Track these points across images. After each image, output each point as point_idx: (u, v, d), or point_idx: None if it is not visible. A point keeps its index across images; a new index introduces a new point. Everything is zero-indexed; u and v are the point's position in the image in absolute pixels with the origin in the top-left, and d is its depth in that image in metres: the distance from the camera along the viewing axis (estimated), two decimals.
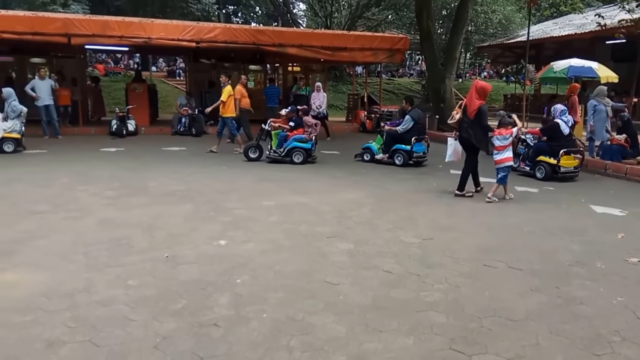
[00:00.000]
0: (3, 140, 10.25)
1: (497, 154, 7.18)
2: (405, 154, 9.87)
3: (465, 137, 7.34)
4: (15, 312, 3.40)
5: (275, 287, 3.93)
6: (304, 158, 9.87)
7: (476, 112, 7.06)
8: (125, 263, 4.35)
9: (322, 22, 29.61)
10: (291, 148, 9.85)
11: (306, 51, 14.93)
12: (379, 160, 10.19)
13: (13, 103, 10.53)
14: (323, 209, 6.40)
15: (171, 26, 13.84)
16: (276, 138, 10.13)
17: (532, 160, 9.10)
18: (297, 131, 10.06)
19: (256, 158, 10.06)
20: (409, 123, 9.90)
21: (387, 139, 10.13)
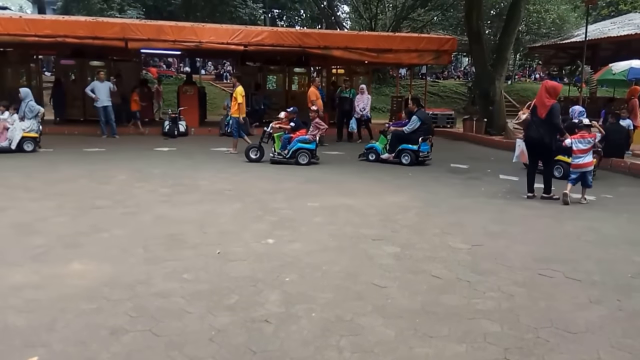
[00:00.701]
0: (23, 140, 10.53)
1: (578, 157, 7.12)
2: (412, 154, 10.16)
3: (535, 137, 7.29)
4: (82, 299, 3.64)
5: (323, 287, 4.02)
6: (309, 159, 10.00)
7: (548, 112, 7.06)
8: (181, 257, 4.56)
9: (367, 24, 29.61)
10: (296, 149, 9.95)
11: (351, 53, 14.99)
12: (384, 159, 10.43)
13: (30, 103, 10.73)
14: (368, 211, 6.45)
15: (221, 30, 14.23)
16: (279, 140, 10.21)
17: None
18: (299, 132, 10.16)
19: (257, 159, 10.13)
20: (416, 123, 10.17)
21: (393, 139, 10.40)
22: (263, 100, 17.09)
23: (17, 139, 10.43)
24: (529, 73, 42.99)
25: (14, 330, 3.19)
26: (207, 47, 14.16)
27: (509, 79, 32.85)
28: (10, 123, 10.54)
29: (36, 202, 6.39)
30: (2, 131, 10.45)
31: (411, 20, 30.29)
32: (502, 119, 15.96)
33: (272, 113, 17.92)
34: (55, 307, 3.52)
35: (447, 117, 18.94)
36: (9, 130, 10.48)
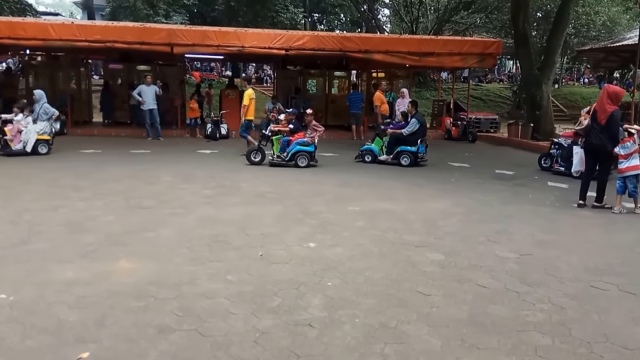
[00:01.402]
0: (37, 143, 10.36)
1: (622, 162, 6.94)
2: (411, 155, 10.41)
3: (595, 143, 7.08)
4: (130, 297, 3.73)
5: (366, 293, 3.98)
6: (308, 161, 9.96)
7: (608, 118, 6.87)
8: (224, 259, 4.61)
9: (408, 27, 29.37)
10: (295, 152, 9.92)
11: (392, 57, 14.87)
12: (382, 161, 10.62)
13: (45, 105, 10.62)
14: (410, 217, 6.37)
15: (263, 35, 14.41)
16: (277, 143, 10.18)
17: (566, 161, 9.65)
18: (297, 135, 10.13)
19: (259, 162, 10.05)
20: (415, 125, 10.42)
21: (391, 140, 10.60)
22: (303, 103, 17.14)
23: (32, 141, 10.30)
24: (577, 77, 41.63)
25: (66, 325, 3.30)
26: (249, 52, 14.36)
27: (556, 82, 31.89)
28: (24, 125, 10.38)
29: (86, 201, 6.61)
30: (16, 134, 10.28)
31: (453, 23, 29.86)
32: (549, 124, 15.51)
33: None
34: (105, 303, 3.62)
35: (491, 122, 18.52)
36: (23, 133, 10.30)
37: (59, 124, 13.85)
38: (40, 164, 9.33)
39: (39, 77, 17.31)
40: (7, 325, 3.26)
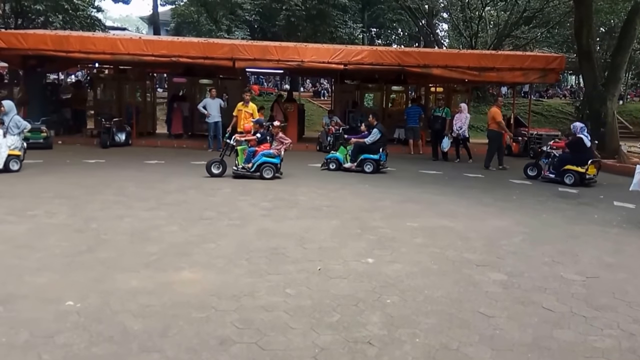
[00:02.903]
0: (9, 158, 9.43)
1: None
2: (374, 163, 11.00)
3: None
4: (193, 308, 3.80)
5: (426, 312, 3.88)
6: (274, 173, 9.79)
7: None
8: (283, 272, 4.64)
9: (467, 42, 28.92)
10: (261, 163, 9.73)
11: (451, 72, 14.67)
12: (347, 168, 11.12)
13: (15, 118, 9.79)
14: (470, 234, 6.19)
15: (322, 49, 14.60)
16: (242, 153, 9.97)
17: (557, 169, 10.41)
18: (263, 146, 9.95)
19: (219, 174, 9.75)
20: (376, 135, 11.06)
21: (355, 149, 11.18)
22: (360, 117, 17.17)
23: (4, 157, 9.35)
24: None
25: (131, 334, 3.39)
26: (308, 66, 14.58)
27: (622, 99, 30.38)
28: None
29: (150, 211, 6.85)
30: None
31: (514, 37, 29.18)
32: (614, 142, 14.83)
33: None
34: (168, 313, 3.71)
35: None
36: None
37: (124, 135, 14.58)
38: (106, 172, 9.76)
39: (107, 89, 18.29)
40: (74, 332, 3.38)
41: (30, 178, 8.95)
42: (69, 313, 3.65)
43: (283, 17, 23.93)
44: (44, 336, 3.30)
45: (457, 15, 31.47)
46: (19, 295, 3.91)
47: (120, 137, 14.38)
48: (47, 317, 3.56)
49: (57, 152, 12.63)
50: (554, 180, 10.41)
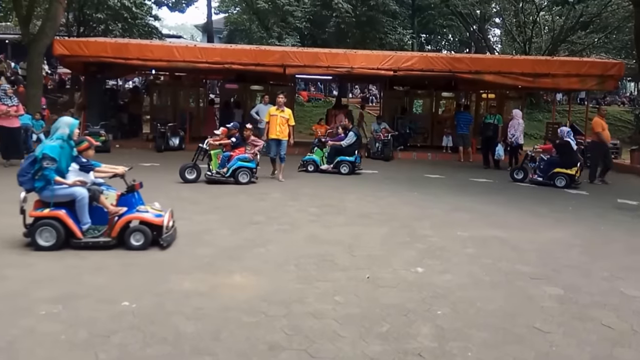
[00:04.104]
0: None
1: None
2: (350, 165, 11.39)
3: None
4: (243, 312, 3.87)
5: (478, 325, 3.79)
6: (249, 178, 9.55)
7: None
8: (331, 279, 4.65)
9: (520, 47, 28.09)
10: (236, 168, 9.50)
11: (504, 78, 14.30)
12: (324, 170, 11.42)
13: None
14: (524, 246, 5.99)
15: (372, 56, 14.57)
16: (216, 158, 9.69)
17: (545, 172, 10.70)
18: (238, 150, 9.71)
19: (194, 179, 9.49)
20: (352, 138, 11.51)
21: (331, 151, 11.58)
22: (409, 124, 17.03)
23: None
24: None
25: (184, 336, 3.48)
26: (357, 73, 14.58)
27: None
28: None
29: (202, 214, 7.03)
30: None
31: (570, 43, 28.16)
32: None
33: (417, 137, 17.80)
34: (219, 317, 3.79)
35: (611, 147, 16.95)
36: None
37: (178, 140, 15.02)
38: (160, 175, 10.05)
39: (162, 95, 18.94)
40: (129, 332, 3.50)
41: None
42: (124, 313, 3.79)
43: (333, 24, 24.06)
44: (101, 335, 3.44)
45: (510, 21, 30.67)
46: (79, 295, 4.10)
47: (175, 141, 14.81)
48: (104, 317, 3.71)
49: (115, 156, 13.12)
50: (543, 183, 10.68)
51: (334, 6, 22.80)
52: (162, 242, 5.28)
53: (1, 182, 8.87)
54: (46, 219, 5.14)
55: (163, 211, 5.52)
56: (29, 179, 5.21)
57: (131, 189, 5.49)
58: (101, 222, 5.38)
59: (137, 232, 5.27)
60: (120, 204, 5.45)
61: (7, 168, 10.41)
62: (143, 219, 5.33)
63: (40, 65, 17.55)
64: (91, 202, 5.29)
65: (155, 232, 5.32)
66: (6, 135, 10.51)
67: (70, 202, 5.22)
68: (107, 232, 5.30)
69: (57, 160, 5.17)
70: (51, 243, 5.12)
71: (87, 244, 5.18)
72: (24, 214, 5.21)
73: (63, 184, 5.21)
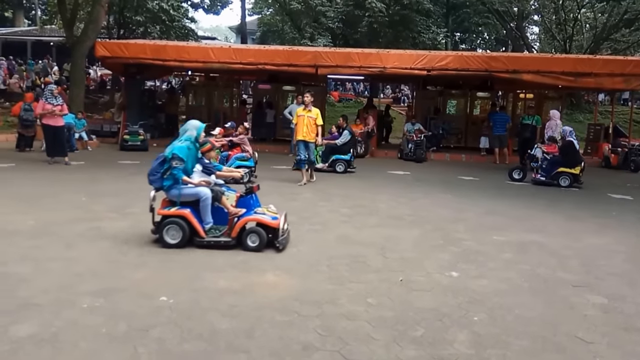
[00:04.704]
0: None
1: None
2: (345, 163, 11.45)
3: None
4: (276, 311, 3.86)
5: (517, 333, 3.67)
6: (249, 177, 9.24)
7: None
8: (364, 280, 4.59)
9: (560, 45, 27.30)
10: (235, 167, 9.18)
11: (543, 77, 13.87)
12: (319, 169, 11.20)
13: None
14: (564, 252, 5.79)
15: (405, 56, 14.40)
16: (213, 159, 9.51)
17: (548, 172, 10.62)
18: (236, 150, 9.58)
19: None
20: (347, 137, 11.61)
21: (326, 150, 11.62)
22: (442, 125, 16.77)
23: None
24: None
25: (219, 333, 3.50)
26: (390, 73, 14.44)
27: None
28: None
29: None
30: None
31: (613, 41, 27.18)
32: None
33: (450, 138, 17.52)
34: (253, 315, 3.79)
35: None
36: None
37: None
38: None
39: (197, 95, 19.24)
40: (167, 327, 3.55)
41: (130, 177, 9.58)
42: (162, 308, 3.85)
43: (365, 23, 23.91)
44: (139, 329, 3.49)
45: (550, 18, 29.83)
46: (119, 289, 4.18)
47: None
48: (143, 311, 3.77)
49: (152, 154, 13.28)
50: (546, 183, 10.56)
51: (367, 6, 22.65)
52: (277, 244, 5.27)
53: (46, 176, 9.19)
54: (173, 217, 5.29)
55: (278, 214, 5.50)
56: (158, 177, 5.42)
57: (249, 191, 5.53)
58: (222, 222, 5.47)
59: (253, 234, 5.29)
60: (239, 206, 5.51)
61: (52, 165, 10.77)
62: (261, 221, 5.34)
63: (83, 66, 18.10)
64: (213, 203, 5.40)
65: (270, 234, 5.33)
66: (51, 134, 10.88)
67: (194, 202, 5.36)
68: (227, 232, 5.38)
69: (185, 161, 5.32)
70: (177, 241, 5.26)
71: (209, 243, 5.29)
72: (153, 212, 5.40)
73: (189, 184, 5.37)
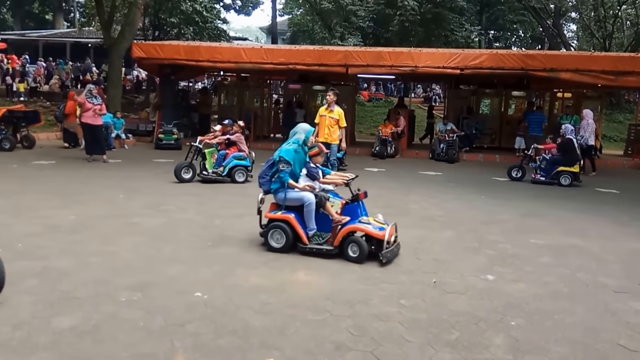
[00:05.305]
0: None
1: None
2: (337, 160, 10.89)
3: None
4: (308, 310, 3.86)
5: (556, 339, 3.56)
6: (246, 177, 9.23)
7: None
8: (396, 281, 4.54)
9: (599, 43, 26.46)
10: (232, 166, 9.15)
11: (582, 76, 13.45)
12: None
13: None
14: (606, 257, 5.60)
15: (438, 54, 14.20)
16: (211, 157, 9.31)
17: (548, 172, 10.64)
18: (233, 148, 9.38)
19: (189, 179, 9.10)
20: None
21: None
22: (475, 124, 16.48)
23: None
24: None
25: (252, 330, 3.52)
26: (422, 72, 14.27)
27: None
28: None
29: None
30: None
31: None
32: None
33: (484, 138, 17.20)
34: (286, 313, 3.80)
35: None
36: None
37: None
38: None
39: (229, 95, 19.45)
40: (202, 322, 3.60)
41: (164, 175, 9.75)
42: (197, 304, 3.90)
43: (397, 22, 23.73)
44: (175, 324, 3.55)
45: (589, 15, 28.96)
46: (155, 284, 4.26)
47: None
48: (178, 306, 3.83)
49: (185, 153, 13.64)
50: (546, 182, 10.54)
51: (398, 4, 22.46)
52: (381, 257, 4.90)
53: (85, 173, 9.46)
54: (277, 221, 5.24)
55: (386, 224, 5.20)
56: (267, 180, 5.44)
57: (355, 198, 5.31)
58: (325, 229, 5.29)
59: (354, 244, 5.02)
60: (344, 213, 5.28)
61: (91, 162, 11.07)
62: (364, 230, 5.06)
63: (120, 67, 18.53)
64: (318, 209, 5.25)
65: (373, 245, 5.04)
66: (89, 132, 11.20)
67: (299, 207, 5.26)
68: (330, 240, 5.19)
69: (292, 164, 5.28)
70: (281, 245, 5.21)
71: (312, 250, 5.15)
72: (260, 215, 5.43)
73: (295, 188, 5.29)
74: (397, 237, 5.31)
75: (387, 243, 4.99)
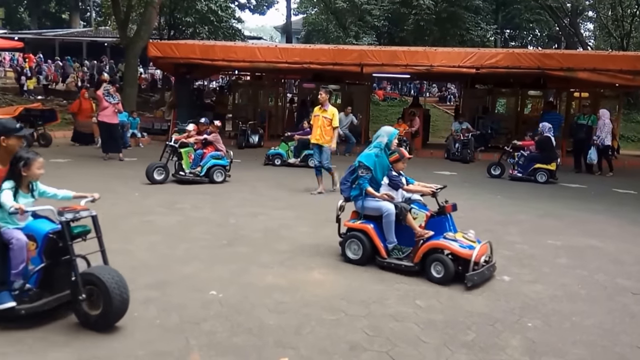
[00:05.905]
0: None
1: None
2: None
3: None
4: (323, 309, 3.86)
5: (574, 341, 3.52)
6: (224, 176, 9.07)
7: None
8: (410, 282, 4.51)
9: (617, 42, 26.08)
10: (210, 166, 8.94)
11: (600, 75, 13.25)
12: (291, 163, 11.57)
13: None
14: (624, 258, 5.51)
15: (453, 53, 14.10)
16: (187, 157, 9.06)
17: (526, 168, 10.74)
18: (210, 147, 9.22)
19: (162, 180, 8.76)
20: None
21: (299, 145, 11.77)
22: (490, 124, 16.34)
23: None
24: None
25: (267, 328, 3.53)
26: (437, 71, 14.17)
27: None
28: None
29: (280, 210, 7.12)
30: None
31: None
32: None
33: (499, 138, 17.03)
34: (300, 312, 3.80)
35: None
36: None
37: (257, 137, 15.39)
38: (242, 173, 10.33)
39: (243, 94, 19.50)
40: (217, 320, 3.62)
41: None
42: (212, 302, 3.92)
43: (412, 21, 23.63)
44: (191, 322, 3.57)
45: (606, 14, 28.55)
46: (170, 282, 4.29)
47: (254, 138, 15.23)
48: (194, 304, 3.85)
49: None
50: (523, 179, 10.62)
51: (414, 3, 22.36)
52: (466, 280, 4.33)
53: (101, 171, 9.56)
54: (355, 231, 4.93)
55: (477, 242, 4.64)
56: (348, 187, 5.15)
57: (442, 211, 4.80)
58: (407, 243, 4.82)
59: (438, 263, 4.48)
60: (428, 227, 4.78)
61: (107, 160, 11.19)
62: (447, 247, 4.52)
63: (136, 66, 18.69)
64: (399, 220, 4.82)
65: (461, 266, 4.48)
66: (106, 131, 11.31)
67: (379, 217, 4.86)
68: (411, 256, 4.71)
69: (372, 170, 4.94)
70: (357, 257, 4.86)
71: (390, 265, 4.72)
72: (339, 223, 5.14)
73: (373, 196, 4.93)
74: (491, 258, 4.77)
75: (476, 264, 4.43)
